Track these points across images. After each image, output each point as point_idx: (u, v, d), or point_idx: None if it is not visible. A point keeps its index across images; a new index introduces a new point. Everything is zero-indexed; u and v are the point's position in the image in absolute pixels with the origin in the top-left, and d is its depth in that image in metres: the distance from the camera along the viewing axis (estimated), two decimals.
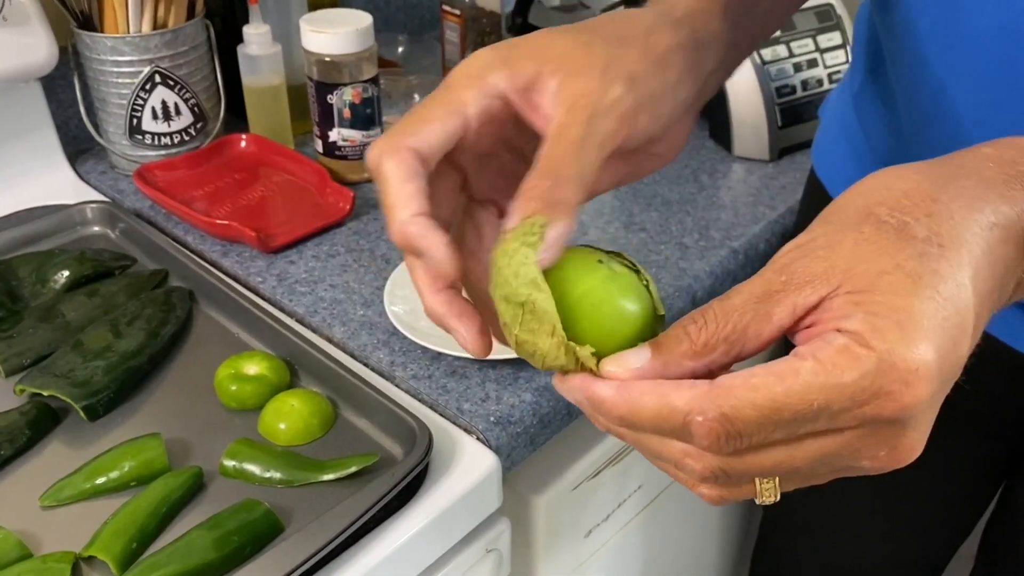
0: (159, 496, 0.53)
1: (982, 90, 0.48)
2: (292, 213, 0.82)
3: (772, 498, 0.33)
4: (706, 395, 0.30)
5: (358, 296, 0.72)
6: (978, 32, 0.46)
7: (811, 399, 0.29)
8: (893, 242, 0.30)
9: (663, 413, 0.31)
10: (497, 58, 0.38)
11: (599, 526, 0.77)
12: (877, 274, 0.30)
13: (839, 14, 0.96)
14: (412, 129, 0.37)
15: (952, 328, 0.29)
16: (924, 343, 0.29)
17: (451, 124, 0.37)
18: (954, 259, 0.30)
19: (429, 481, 0.56)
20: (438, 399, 0.61)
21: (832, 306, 0.30)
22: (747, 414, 0.29)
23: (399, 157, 0.36)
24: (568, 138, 0.35)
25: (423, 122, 0.37)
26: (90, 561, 0.51)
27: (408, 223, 0.35)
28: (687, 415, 0.30)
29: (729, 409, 0.29)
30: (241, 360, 0.62)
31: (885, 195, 0.32)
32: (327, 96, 0.83)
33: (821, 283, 0.31)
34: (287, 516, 0.53)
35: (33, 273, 0.72)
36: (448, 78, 0.38)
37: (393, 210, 0.36)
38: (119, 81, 0.83)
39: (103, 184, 0.88)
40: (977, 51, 0.47)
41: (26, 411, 0.59)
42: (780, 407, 0.29)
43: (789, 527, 0.85)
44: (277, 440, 0.58)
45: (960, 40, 0.47)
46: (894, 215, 0.31)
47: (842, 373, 0.29)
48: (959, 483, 0.73)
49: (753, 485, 0.33)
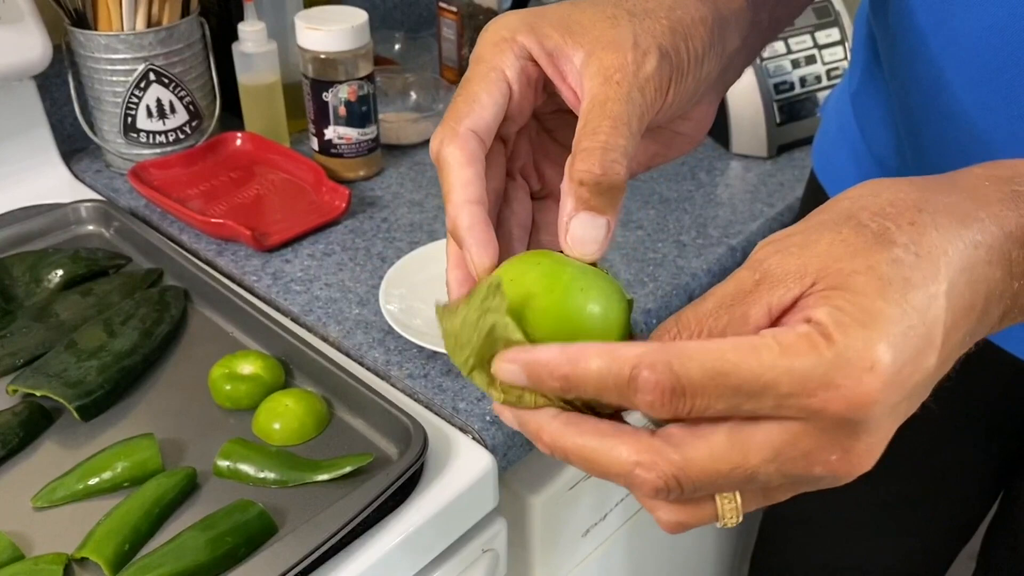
0: (152, 497, 0.53)
1: (976, 90, 0.47)
2: (288, 211, 0.81)
3: (735, 518, 0.32)
4: (657, 350, 0.29)
5: (353, 295, 0.71)
6: (972, 32, 0.46)
7: (760, 373, 0.28)
8: (870, 245, 0.30)
9: (611, 368, 0.29)
10: (523, 22, 0.37)
11: (596, 525, 0.76)
12: (849, 273, 0.29)
13: (837, 10, 0.95)
14: (465, 110, 0.36)
15: (916, 338, 0.29)
16: (883, 344, 0.28)
17: (498, 94, 0.36)
18: (929, 270, 0.30)
19: (424, 481, 0.56)
20: (433, 398, 0.61)
21: (806, 303, 0.30)
22: (694, 373, 0.28)
23: (459, 142, 0.35)
24: (611, 114, 0.34)
25: (472, 101, 0.36)
26: (83, 562, 0.50)
27: (461, 208, 0.35)
28: (635, 367, 0.29)
29: (678, 365, 0.28)
30: (235, 359, 0.62)
31: (870, 201, 0.32)
32: (323, 94, 0.82)
33: (794, 281, 0.30)
34: (281, 517, 0.53)
35: (27, 272, 0.71)
36: (478, 49, 0.37)
37: (449, 195, 0.35)
38: (113, 79, 0.83)
39: (98, 183, 0.87)
40: (971, 51, 0.46)
41: (19, 411, 0.59)
42: (728, 372, 0.28)
43: (789, 528, 0.84)
44: (271, 440, 0.58)
45: (954, 40, 0.47)
46: (876, 220, 0.31)
47: (796, 357, 0.28)
48: (960, 485, 0.72)
49: (714, 504, 0.32)
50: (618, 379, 0.29)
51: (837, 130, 0.68)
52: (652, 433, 0.31)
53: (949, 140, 0.51)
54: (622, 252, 0.76)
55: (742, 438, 0.29)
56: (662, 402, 0.29)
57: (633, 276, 0.73)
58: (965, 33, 0.46)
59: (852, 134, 0.65)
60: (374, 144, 0.87)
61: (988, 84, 0.46)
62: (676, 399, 0.29)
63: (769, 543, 0.89)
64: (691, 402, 0.29)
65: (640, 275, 0.73)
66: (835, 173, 0.68)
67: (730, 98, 0.91)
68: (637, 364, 0.29)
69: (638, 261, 0.75)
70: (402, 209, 0.83)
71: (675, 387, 0.29)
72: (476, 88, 0.36)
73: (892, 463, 0.73)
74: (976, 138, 0.49)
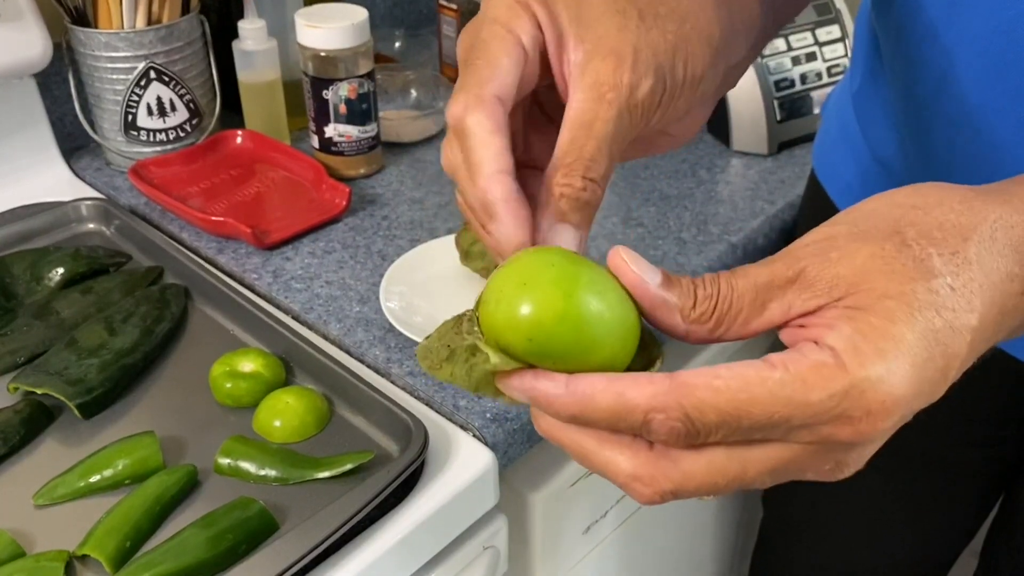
0: (153, 494, 0.53)
1: (983, 92, 0.47)
2: (288, 209, 0.81)
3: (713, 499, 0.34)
4: (668, 393, 0.29)
5: (354, 292, 0.71)
6: (974, 34, 0.46)
7: (774, 411, 0.28)
8: (908, 270, 0.29)
9: (620, 411, 0.29)
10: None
11: (597, 523, 0.76)
12: (880, 296, 0.29)
13: (838, 8, 0.95)
14: (488, 74, 0.34)
15: (934, 371, 0.29)
16: (900, 378, 0.28)
17: (517, 56, 0.35)
18: (963, 304, 0.29)
19: (425, 478, 0.56)
20: (434, 396, 0.61)
21: (826, 315, 0.30)
22: (709, 417, 0.29)
23: (486, 109, 0.34)
24: (597, 135, 0.34)
25: (495, 65, 0.34)
26: (84, 560, 0.50)
27: (493, 179, 0.33)
28: (647, 412, 0.29)
29: (692, 410, 0.29)
30: (236, 357, 0.62)
31: (920, 217, 0.31)
32: (323, 92, 0.82)
33: (824, 291, 0.30)
34: (282, 514, 0.53)
35: (28, 270, 0.71)
36: (491, 9, 0.36)
37: (480, 166, 0.33)
38: (114, 77, 0.82)
39: (98, 181, 0.87)
40: (978, 52, 0.46)
41: (20, 409, 0.59)
42: (741, 415, 0.28)
43: (790, 529, 0.84)
44: (272, 438, 0.58)
45: (957, 42, 0.47)
46: (920, 243, 0.30)
47: (810, 391, 0.28)
48: (962, 487, 0.72)
49: None
50: (631, 423, 0.30)
51: (838, 130, 0.67)
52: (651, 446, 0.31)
53: (955, 142, 0.51)
54: None
55: (741, 455, 0.30)
56: (676, 442, 0.30)
57: None
58: (972, 34, 0.46)
59: (853, 135, 0.65)
60: (374, 142, 0.87)
61: (995, 85, 0.46)
62: (690, 438, 0.29)
63: (770, 545, 0.89)
64: (704, 439, 0.30)
65: None
66: (835, 174, 0.68)
67: (730, 95, 0.91)
68: (649, 409, 0.29)
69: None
70: (403, 207, 0.83)
71: (689, 431, 0.29)
72: (496, 51, 0.35)
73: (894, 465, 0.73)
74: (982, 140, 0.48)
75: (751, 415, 0.28)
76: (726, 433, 0.29)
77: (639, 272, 0.32)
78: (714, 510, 1.00)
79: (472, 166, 0.34)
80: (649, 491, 0.31)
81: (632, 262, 0.32)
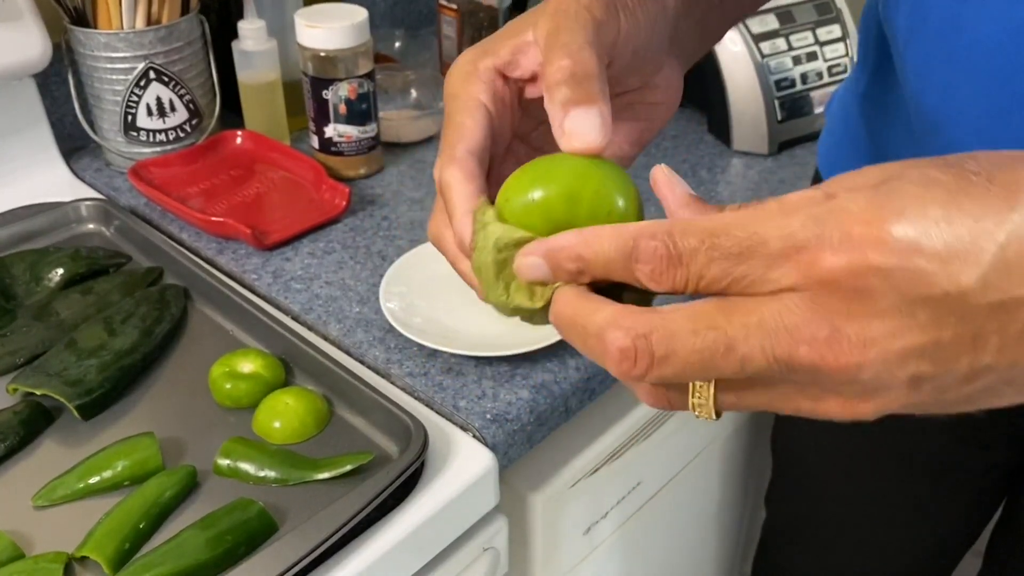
0: (152, 495, 0.53)
1: (986, 98, 0.47)
2: (288, 210, 0.81)
3: (707, 413, 0.30)
4: (660, 222, 0.29)
5: (354, 293, 0.71)
6: (982, 39, 0.45)
7: (751, 232, 0.27)
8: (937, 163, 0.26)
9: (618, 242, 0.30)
10: (479, 51, 0.40)
11: (597, 523, 0.76)
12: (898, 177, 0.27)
13: (839, 7, 0.95)
14: (455, 137, 0.38)
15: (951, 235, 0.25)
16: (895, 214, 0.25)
17: (480, 117, 0.39)
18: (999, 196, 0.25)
19: (425, 479, 0.56)
20: (434, 396, 0.61)
21: None
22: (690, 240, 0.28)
23: (457, 163, 0.37)
24: (565, 31, 0.36)
25: (460, 128, 0.38)
26: (83, 561, 0.50)
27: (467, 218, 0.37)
28: (636, 237, 0.29)
29: (676, 230, 0.28)
30: (236, 358, 0.62)
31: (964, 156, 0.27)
32: (322, 92, 0.82)
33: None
34: (281, 515, 0.53)
35: (27, 271, 0.71)
36: (449, 89, 0.40)
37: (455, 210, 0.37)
38: (113, 77, 0.82)
39: (98, 181, 0.87)
40: (981, 58, 0.46)
41: (19, 410, 0.59)
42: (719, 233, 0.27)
43: (792, 531, 0.84)
44: (271, 439, 0.58)
45: (964, 47, 0.47)
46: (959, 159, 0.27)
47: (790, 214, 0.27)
48: (965, 489, 0.72)
49: (687, 394, 0.31)
50: (623, 251, 0.29)
51: (843, 131, 0.67)
52: None
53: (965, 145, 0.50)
54: None
55: (726, 305, 0.28)
56: (661, 270, 0.28)
57: None
58: (975, 41, 0.46)
59: (859, 136, 0.65)
60: (374, 142, 0.87)
61: (999, 93, 0.46)
62: (673, 267, 0.28)
63: (771, 546, 0.89)
64: (687, 270, 0.28)
65: None
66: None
67: (731, 95, 0.91)
68: (639, 235, 0.29)
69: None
70: (402, 207, 0.83)
71: (670, 254, 0.28)
72: (459, 118, 0.38)
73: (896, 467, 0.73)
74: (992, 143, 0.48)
75: (729, 234, 0.27)
76: (705, 261, 0.28)
77: (672, 183, 0.33)
78: (716, 509, 0.99)
79: (450, 212, 0.37)
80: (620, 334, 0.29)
81: (668, 176, 0.33)
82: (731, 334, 0.27)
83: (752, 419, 0.96)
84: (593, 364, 0.64)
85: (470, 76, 0.39)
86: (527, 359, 0.64)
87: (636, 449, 0.76)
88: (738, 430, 0.94)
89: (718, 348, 0.27)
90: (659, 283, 0.29)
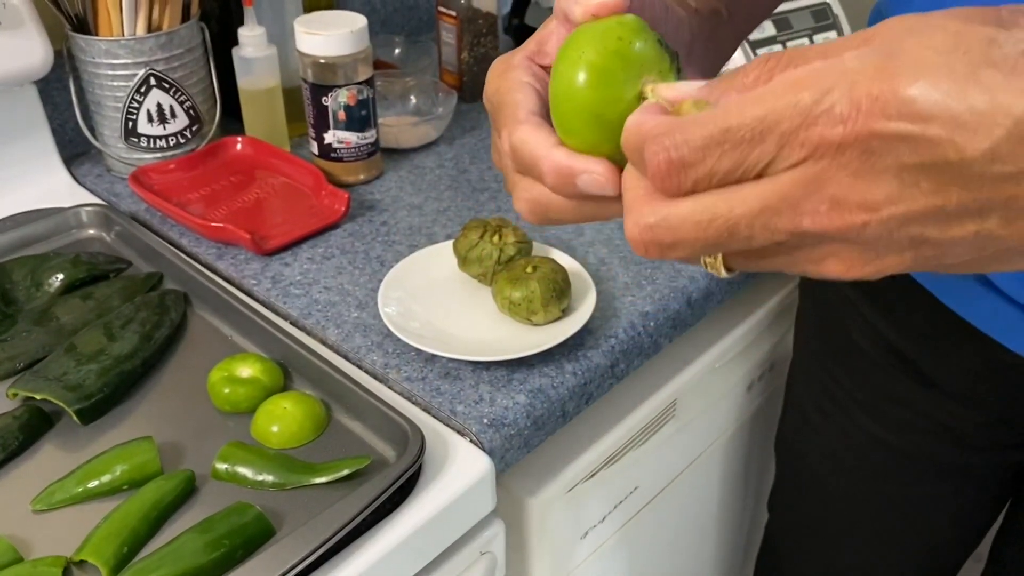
0: (151, 500, 0.53)
1: None
2: (287, 215, 0.82)
3: (717, 272, 0.31)
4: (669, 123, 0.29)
5: (352, 298, 0.72)
6: None
7: (765, 113, 0.27)
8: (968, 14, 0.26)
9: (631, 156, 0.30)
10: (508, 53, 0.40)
11: (595, 528, 0.76)
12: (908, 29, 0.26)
13: (835, 13, 0.95)
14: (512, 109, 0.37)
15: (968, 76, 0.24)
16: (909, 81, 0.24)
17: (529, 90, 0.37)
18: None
19: (422, 484, 0.56)
20: (431, 401, 0.61)
21: None
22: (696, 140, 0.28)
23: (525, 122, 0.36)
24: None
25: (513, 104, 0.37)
26: (81, 565, 0.51)
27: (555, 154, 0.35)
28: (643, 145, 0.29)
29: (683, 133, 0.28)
30: (234, 363, 0.62)
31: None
32: (322, 98, 0.83)
33: None
34: (279, 519, 0.53)
35: (28, 276, 0.72)
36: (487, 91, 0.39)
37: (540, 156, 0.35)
38: (114, 84, 0.83)
39: (99, 187, 0.88)
40: None
41: (19, 415, 0.59)
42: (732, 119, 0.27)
43: (796, 534, 0.84)
44: (270, 443, 0.58)
45: None
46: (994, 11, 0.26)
47: (800, 90, 0.26)
48: (969, 492, 0.72)
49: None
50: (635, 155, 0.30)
51: None
52: None
53: None
54: (620, 255, 0.76)
55: (727, 193, 0.28)
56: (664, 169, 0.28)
57: (631, 279, 0.73)
58: None
59: None
60: (374, 148, 0.87)
61: None
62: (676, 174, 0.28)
63: (775, 549, 0.89)
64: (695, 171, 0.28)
65: (638, 278, 0.74)
66: None
67: None
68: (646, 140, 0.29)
69: (636, 264, 0.75)
70: (401, 212, 0.83)
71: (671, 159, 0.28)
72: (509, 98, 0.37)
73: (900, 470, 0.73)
74: None
75: (743, 124, 0.27)
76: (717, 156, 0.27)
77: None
78: (715, 514, 1.00)
79: (537, 160, 0.35)
80: (633, 228, 0.29)
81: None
82: (734, 219, 0.28)
83: (751, 422, 0.96)
84: (590, 369, 0.65)
85: (507, 69, 0.39)
86: (524, 364, 0.64)
87: (633, 453, 0.76)
88: (737, 433, 0.94)
89: (722, 233, 0.28)
90: (667, 190, 0.29)
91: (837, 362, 0.72)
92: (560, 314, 0.66)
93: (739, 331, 0.86)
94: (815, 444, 0.77)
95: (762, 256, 0.30)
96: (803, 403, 0.78)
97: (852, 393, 0.71)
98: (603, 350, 0.66)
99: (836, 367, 0.73)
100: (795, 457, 0.81)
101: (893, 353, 0.67)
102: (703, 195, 0.28)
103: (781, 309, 0.91)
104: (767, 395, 0.97)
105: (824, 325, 0.74)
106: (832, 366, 0.73)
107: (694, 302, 0.74)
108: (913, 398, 0.67)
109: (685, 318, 0.73)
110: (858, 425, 0.72)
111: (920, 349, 0.65)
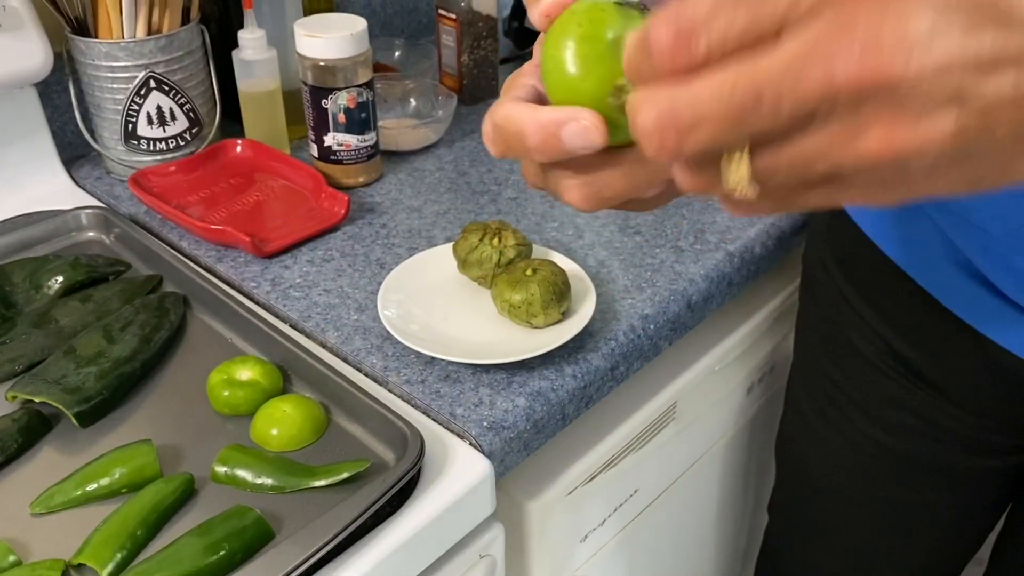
0: (150, 503, 0.53)
1: None
2: (287, 218, 0.82)
3: (744, 188, 0.28)
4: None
5: (352, 301, 0.71)
6: None
7: None
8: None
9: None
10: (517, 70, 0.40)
11: (595, 531, 0.76)
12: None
13: None
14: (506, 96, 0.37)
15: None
16: None
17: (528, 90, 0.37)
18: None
19: (421, 487, 0.56)
20: (431, 404, 0.61)
21: None
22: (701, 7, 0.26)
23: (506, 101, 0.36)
24: None
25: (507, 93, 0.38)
26: (80, 569, 0.50)
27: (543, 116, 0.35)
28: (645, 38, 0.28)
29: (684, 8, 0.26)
30: (234, 365, 0.62)
31: None
32: (322, 101, 0.83)
33: None
34: (278, 522, 0.53)
35: (27, 279, 0.72)
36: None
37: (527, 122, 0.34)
38: (114, 86, 0.83)
39: (98, 189, 0.88)
40: None
41: (18, 417, 0.59)
42: None
43: (796, 538, 0.84)
44: (269, 446, 0.58)
45: None
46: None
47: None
48: (969, 497, 0.72)
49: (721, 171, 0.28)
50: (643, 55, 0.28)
51: None
52: None
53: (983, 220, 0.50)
54: (620, 257, 0.76)
55: (750, 53, 0.26)
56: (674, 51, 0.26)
57: (631, 282, 0.73)
58: None
59: None
60: (373, 150, 0.87)
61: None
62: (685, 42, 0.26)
63: (775, 553, 0.89)
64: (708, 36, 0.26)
65: (638, 280, 0.74)
66: None
67: None
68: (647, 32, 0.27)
69: (636, 267, 0.75)
70: (401, 215, 0.83)
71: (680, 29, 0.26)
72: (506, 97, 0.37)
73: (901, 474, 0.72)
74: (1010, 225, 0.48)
75: None
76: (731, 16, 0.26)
77: None
78: (715, 517, 1.00)
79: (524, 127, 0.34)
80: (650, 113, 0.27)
81: None
82: (759, 80, 0.25)
83: (751, 425, 0.96)
84: (590, 372, 0.65)
85: (510, 83, 0.38)
86: (524, 367, 0.64)
87: (633, 456, 0.76)
88: (736, 436, 0.94)
89: (747, 102, 0.25)
90: (679, 65, 0.26)
91: (837, 365, 0.72)
92: (560, 317, 0.66)
93: (739, 334, 0.86)
94: (815, 447, 0.77)
95: (793, 143, 0.26)
96: (803, 406, 0.78)
97: (853, 396, 0.71)
98: (603, 353, 0.66)
99: (836, 370, 0.73)
100: (795, 460, 0.81)
101: (894, 356, 0.67)
102: (721, 64, 0.26)
103: (781, 312, 0.91)
104: (767, 398, 0.97)
105: (824, 328, 0.74)
106: (832, 369, 0.73)
107: (694, 304, 0.74)
108: (914, 402, 0.67)
109: (685, 321, 0.73)
110: (859, 428, 0.72)
111: (921, 352, 0.65)
